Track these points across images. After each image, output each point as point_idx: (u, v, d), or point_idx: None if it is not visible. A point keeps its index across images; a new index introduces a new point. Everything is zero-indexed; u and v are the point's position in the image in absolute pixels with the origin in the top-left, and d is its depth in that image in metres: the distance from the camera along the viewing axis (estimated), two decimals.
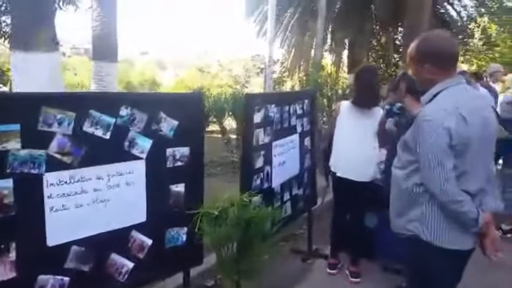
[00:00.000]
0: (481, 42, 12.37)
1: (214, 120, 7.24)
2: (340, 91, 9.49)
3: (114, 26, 9.48)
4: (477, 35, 12.26)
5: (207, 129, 11.11)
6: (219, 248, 2.67)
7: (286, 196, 3.55)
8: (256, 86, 11.98)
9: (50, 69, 4.03)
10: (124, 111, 2.30)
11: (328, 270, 3.71)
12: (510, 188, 4.42)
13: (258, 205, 2.97)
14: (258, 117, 3.00)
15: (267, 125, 3.13)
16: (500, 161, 4.46)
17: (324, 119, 6.62)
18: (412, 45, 1.97)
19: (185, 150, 2.61)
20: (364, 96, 3.34)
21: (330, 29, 12.85)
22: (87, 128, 2.16)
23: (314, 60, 9.18)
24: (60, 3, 7.57)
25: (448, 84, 1.91)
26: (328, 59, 13.54)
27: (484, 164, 1.92)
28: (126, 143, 2.33)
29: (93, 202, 2.25)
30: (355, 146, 3.41)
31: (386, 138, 3.44)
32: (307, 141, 3.88)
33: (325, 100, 7.51)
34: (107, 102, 2.27)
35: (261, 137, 3.07)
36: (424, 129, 1.81)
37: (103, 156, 2.25)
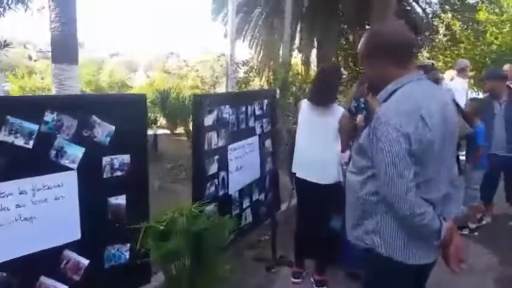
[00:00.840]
0: (445, 39, 12.49)
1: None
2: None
3: (74, 27, 9.04)
4: (442, 31, 12.38)
5: (175, 131, 10.86)
6: (166, 264, 2.44)
7: (246, 203, 3.34)
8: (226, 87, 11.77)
9: None
10: (49, 117, 2.03)
11: (293, 280, 3.52)
12: (473, 185, 4.33)
13: (212, 215, 2.75)
14: (209, 120, 2.77)
15: (220, 127, 2.91)
16: (462, 158, 4.36)
17: (292, 118, 6.45)
18: (362, 40, 1.78)
19: (125, 158, 2.35)
20: (318, 93, 3.16)
21: (298, 28, 12.73)
22: (4, 137, 1.89)
23: (282, 60, 9.02)
24: (9, 3, 7.12)
25: (405, 80, 1.73)
26: (298, 59, 13.43)
27: (447, 167, 1.75)
28: (53, 152, 2.07)
29: (16, 220, 1.98)
30: (314, 146, 3.22)
31: (347, 138, 3.29)
32: (268, 143, 3.67)
33: (292, 99, 7.34)
34: (28, 107, 2.00)
35: (214, 140, 2.84)
36: (380, 134, 1.60)
37: (26, 168, 1.98)
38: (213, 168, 2.85)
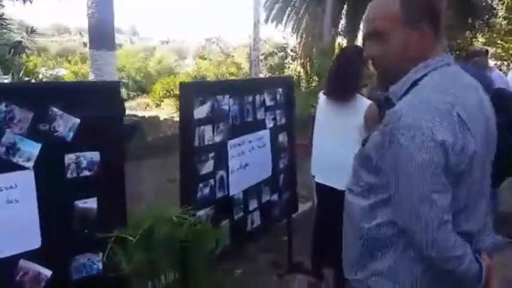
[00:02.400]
0: (505, 22, 11.21)
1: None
2: None
3: (111, 12, 8.97)
4: (501, 13, 11.12)
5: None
6: (140, 280, 2.11)
7: (253, 204, 2.95)
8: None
9: None
10: None
11: None
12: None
13: (203, 221, 2.40)
14: (202, 111, 2.39)
15: (217, 120, 2.52)
16: None
17: None
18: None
19: (93, 156, 2.04)
20: (336, 84, 2.68)
21: (344, 12, 12.00)
22: None
23: (323, 45, 8.45)
24: None
25: (431, 66, 1.22)
26: (345, 43, 12.71)
27: (486, 190, 1.26)
28: (2, 149, 1.78)
29: None
30: (333, 147, 2.76)
31: None
32: (282, 137, 3.24)
33: None
34: None
35: (208, 135, 2.47)
36: (402, 141, 1.10)
37: None
38: (207, 167, 2.48)
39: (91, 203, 2.07)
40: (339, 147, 2.71)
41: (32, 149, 1.85)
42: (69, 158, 1.97)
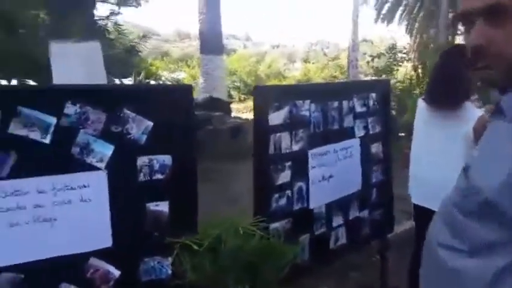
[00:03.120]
0: None
1: None
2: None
3: (218, 19, 9.36)
4: None
5: None
6: None
7: (338, 220, 2.70)
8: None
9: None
10: (71, 109, 1.80)
11: None
12: None
13: (277, 233, 2.24)
14: (277, 117, 2.24)
15: (296, 127, 2.35)
16: None
17: None
18: None
19: (166, 160, 2.01)
20: (438, 89, 2.31)
21: None
22: (15, 129, 1.72)
23: (437, 46, 7.71)
24: None
25: None
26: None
27: None
28: (76, 149, 1.84)
29: (34, 221, 1.81)
30: (434, 163, 2.39)
31: None
32: (375, 148, 2.94)
33: None
34: (45, 97, 1.80)
35: (285, 143, 2.30)
36: None
37: (44, 165, 1.79)
38: (284, 177, 2.32)
39: (163, 206, 2.05)
40: (441, 164, 2.34)
41: (105, 150, 1.88)
42: (142, 160, 1.97)
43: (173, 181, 2.03)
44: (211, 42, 9.26)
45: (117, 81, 11.61)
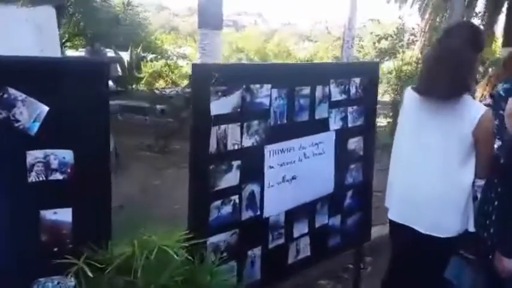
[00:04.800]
0: None
1: None
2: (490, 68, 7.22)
3: None
4: None
5: None
6: None
7: (301, 229, 2.26)
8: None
9: None
10: None
11: None
12: None
13: (213, 250, 1.81)
14: (223, 105, 1.77)
15: (248, 117, 1.88)
16: None
17: None
18: None
19: (66, 156, 1.55)
20: (435, 77, 1.81)
21: None
22: None
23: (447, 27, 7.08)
24: None
25: None
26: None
27: None
28: None
29: None
30: (423, 170, 1.91)
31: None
32: (355, 144, 2.46)
33: None
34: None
35: (234, 137, 1.84)
36: None
37: None
38: (230, 180, 1.86)
39: (63, 215, 1.62)
40: (433, 169, 1.87)
41: None
42: (34, 156, 1.53)
43: (77, 183, 1.59)
44: (210, 16, 8.63)
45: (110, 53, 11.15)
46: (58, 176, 1.57)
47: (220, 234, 1.86)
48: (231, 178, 1.86)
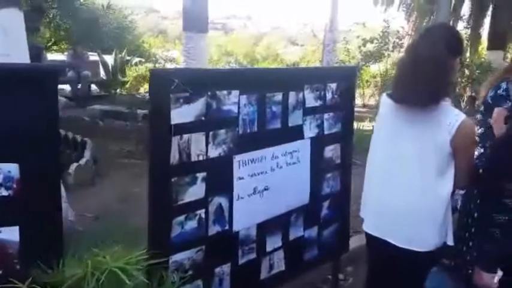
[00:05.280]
0: None
1: None
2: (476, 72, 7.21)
3: None
4: None
5: None
6: None
7: (274, 243, 2.14)
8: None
9: None
10: None
11: None
12: None
13: (176, 269, 1.69)
14: (185, 113, 1.65)
15: (215, 126, 1.77)
16: None
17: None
18: None
19: (12, 170, 1.42)
20: (411, 82, 1.71)
21: None
22: None
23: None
24: None
25: None
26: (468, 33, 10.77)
27: None
28: None
29: None
30: (400, 181, 1.81)
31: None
32: (332, 152, 2.36)
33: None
34: None
35: (198, 148, 1.72)
36: None
37: None
38: (195, 193, 1.74)
39: (9, 234, 1.49)
40: (409, 180, 1.76)
41: None
42: None
43: (24, 198, 1.47)
44: (195, 19, 8.47)
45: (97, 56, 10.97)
46: (3, 192, 1.45)
47: (184, 251, 1.74)
48: (196, 191, 1.75)
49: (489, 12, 9.68)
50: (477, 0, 9.70)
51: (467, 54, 9.09)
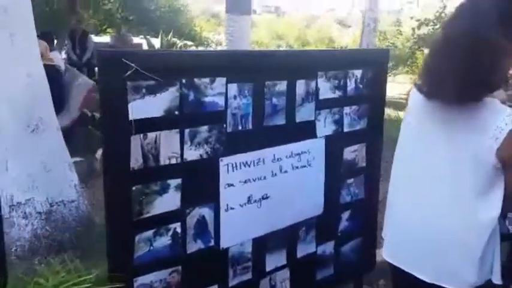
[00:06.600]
0: None
1: None
2: None
3: None
4: None
5: None
6: None
7: (277, 261, 1.79)
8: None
9: None
10: None
11: None
12: None
13: None
14: (150, 106, 1.32)
15: (192, 122, 1.43)
16: None
17: None
18: None
19: None
20: (446, 74, 1.25)
21: None
22: None
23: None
24: None
25: None
26: None
27: None
28: None
29: None
30: (425, 199, 1.37)
31: None
32: (355, 153, 1.95)
33: None
34: None
35: (169, 148, 1.39)
36: None
37: None
38: (166, 204, 1.42)
39: None
40: (439, 200, 1.34)
41: None
42: None
43: None
44: (238, 1, 8.17)
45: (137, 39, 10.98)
46: None
47: (152, 273, 1.43)
48: (168, 201, 1.43)
49: None
50: None
51: None
